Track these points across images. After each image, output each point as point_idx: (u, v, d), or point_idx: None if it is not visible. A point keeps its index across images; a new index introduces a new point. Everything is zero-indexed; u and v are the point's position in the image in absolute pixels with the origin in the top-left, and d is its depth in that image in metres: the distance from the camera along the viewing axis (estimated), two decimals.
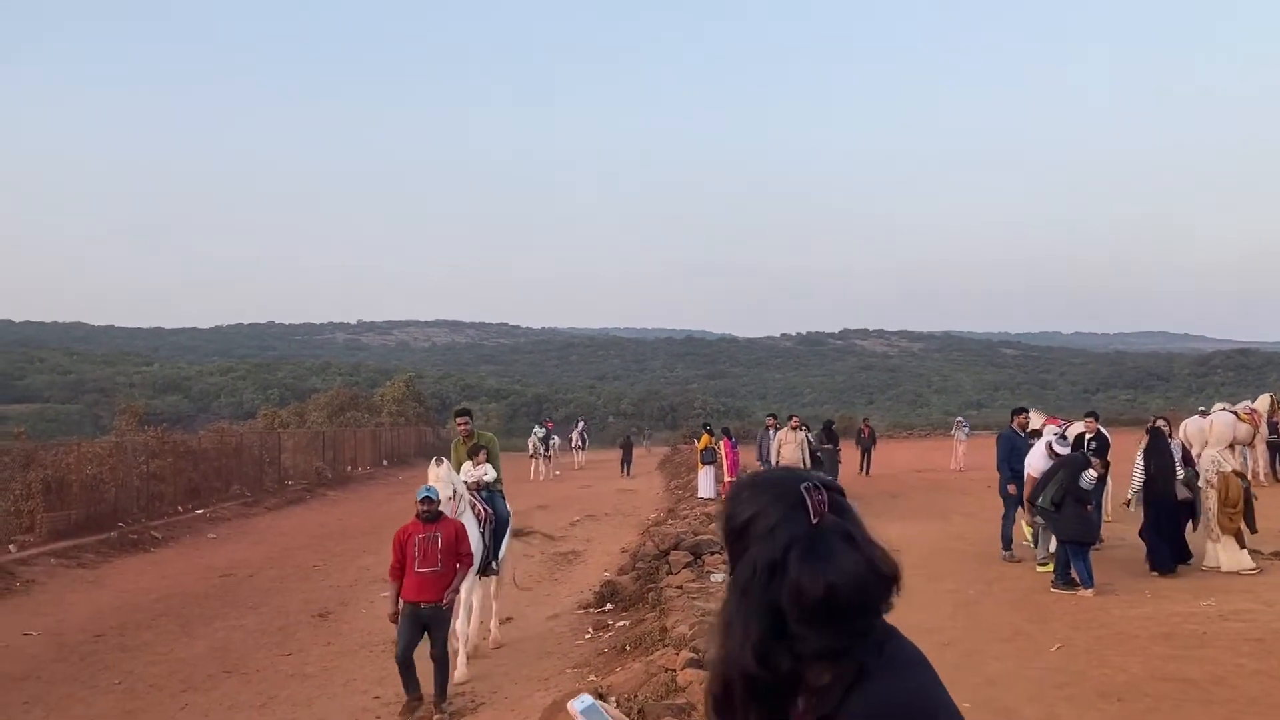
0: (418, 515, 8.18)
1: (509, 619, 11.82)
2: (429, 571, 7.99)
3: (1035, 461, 12.18)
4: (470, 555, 8.45)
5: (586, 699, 1.93)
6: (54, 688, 9.51)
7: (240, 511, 24.64)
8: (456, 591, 8.27)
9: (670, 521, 18.07)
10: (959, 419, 33.55)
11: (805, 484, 1.52)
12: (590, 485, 30.75)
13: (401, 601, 8.10)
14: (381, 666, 9.81)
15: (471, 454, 10.48)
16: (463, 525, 8.55)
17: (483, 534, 9.71)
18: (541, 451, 35.12)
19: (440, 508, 8.32)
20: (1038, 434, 13.62)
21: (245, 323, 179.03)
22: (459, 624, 9.29)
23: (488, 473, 10.27)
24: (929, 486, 24.04)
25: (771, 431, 21.51)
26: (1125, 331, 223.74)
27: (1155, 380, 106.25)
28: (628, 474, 34.64)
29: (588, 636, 10.49)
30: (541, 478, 33.26)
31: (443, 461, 9.18)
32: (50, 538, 17.92)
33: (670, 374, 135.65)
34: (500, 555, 10.29)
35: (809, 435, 20.95)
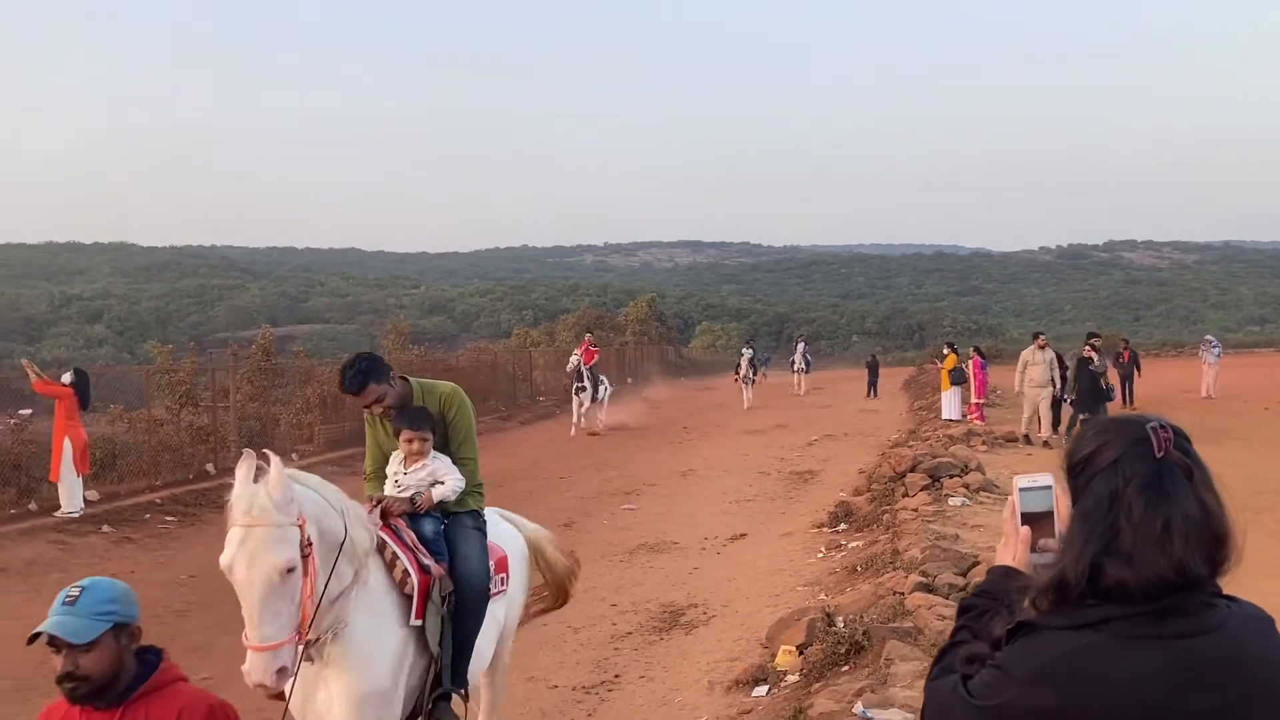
0: (62, 690, 2.61)
1: (743, 535, 11.99)
2: None
3: None
4: None
5: (1042, 479, 1.77)
6: None
7: (495, 426, 26.10)
8: None
9: (911, 443, 17.72)
10: (1207, 338, 29.11)
11: (1152, 424, 1.62)
12: (832, 405, 30.49)
13: None
14: (619, 575, 10.26)
15: (400, 431, 4.65)
16: None
17: (424, 626, 4.15)
18: (751, 375, 31.61)
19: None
20: None
21: (502, 246, 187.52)
22: None
23: (442, 483, 4.69)
24: (1198, 408, 22.33)
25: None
26: None
27: None
28: (874, 394, 34.12)
29: (820, 556, 10.50)
30: (746, 406, 29.97)
31: (269, 461, 3.37)
32: (326, 447, 19.73)
33: (918, 291, 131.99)
34: (473, 665, 4.50)
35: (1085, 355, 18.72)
